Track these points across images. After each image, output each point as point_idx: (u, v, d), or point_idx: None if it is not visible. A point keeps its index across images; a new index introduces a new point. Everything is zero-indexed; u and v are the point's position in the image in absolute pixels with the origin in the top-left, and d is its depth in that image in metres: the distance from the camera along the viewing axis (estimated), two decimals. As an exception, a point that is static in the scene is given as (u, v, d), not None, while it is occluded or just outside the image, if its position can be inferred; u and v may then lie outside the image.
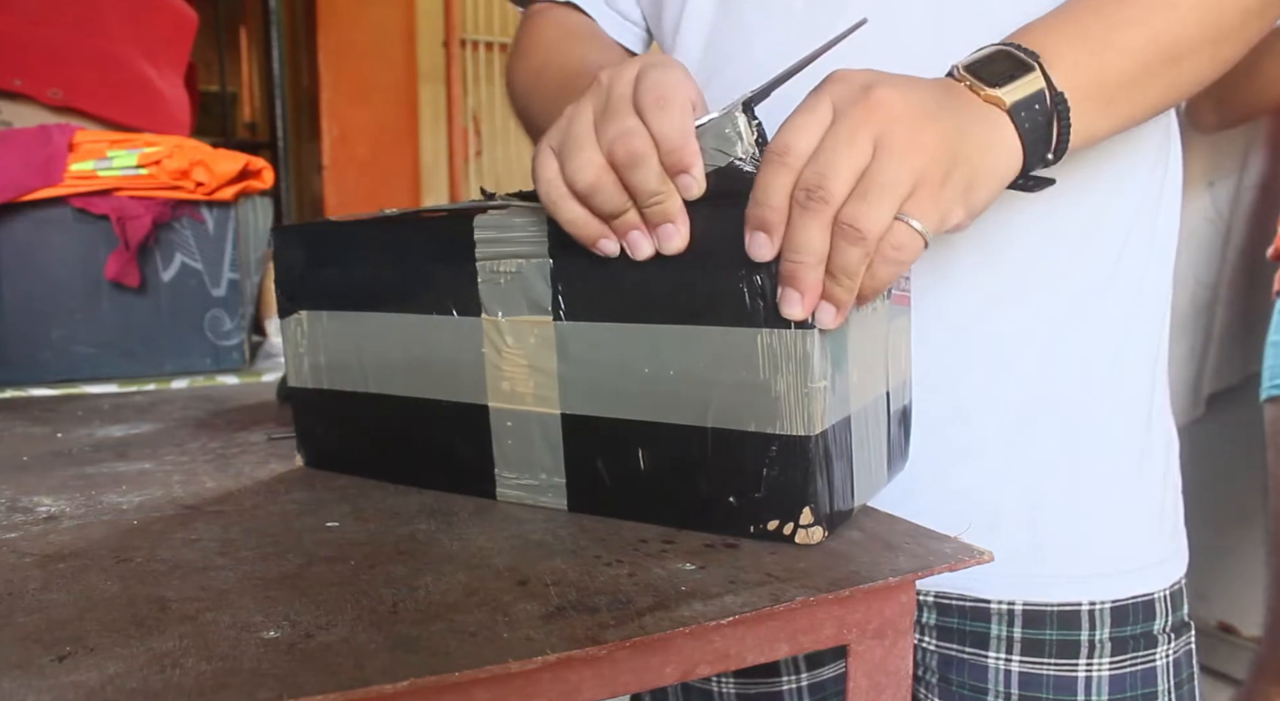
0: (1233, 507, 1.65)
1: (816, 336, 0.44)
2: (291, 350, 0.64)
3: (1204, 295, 1.71)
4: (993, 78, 0.47)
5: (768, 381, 0.45)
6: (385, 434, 0.60)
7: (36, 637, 0.38)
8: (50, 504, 0.58)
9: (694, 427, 0.48)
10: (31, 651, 0.36)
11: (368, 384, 0.60)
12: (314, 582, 0.43)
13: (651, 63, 0.46)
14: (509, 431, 0.54)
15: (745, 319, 0.45)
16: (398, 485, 0.59)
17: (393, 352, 0.58)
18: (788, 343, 0.44)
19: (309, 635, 0.37)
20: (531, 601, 0.40)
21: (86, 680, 0.34)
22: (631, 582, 0.42)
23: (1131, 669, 0.62)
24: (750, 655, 0.42)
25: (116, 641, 0.37)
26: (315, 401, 0.64)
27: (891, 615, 0.45)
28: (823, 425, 0.45)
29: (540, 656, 0.35)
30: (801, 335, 0.44)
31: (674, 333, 0.47)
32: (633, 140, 0.43)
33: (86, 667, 0.35)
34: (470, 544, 0.48)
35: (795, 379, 0.44)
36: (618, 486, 0.51)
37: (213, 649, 0.36)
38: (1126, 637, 0.62)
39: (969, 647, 0.64)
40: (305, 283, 0.62)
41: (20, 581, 0.44)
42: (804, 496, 0.45)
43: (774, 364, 0.45)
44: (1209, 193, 1.70)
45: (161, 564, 0.46)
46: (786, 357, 0.44)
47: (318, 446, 0.65)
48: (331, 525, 0.52)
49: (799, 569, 0.43)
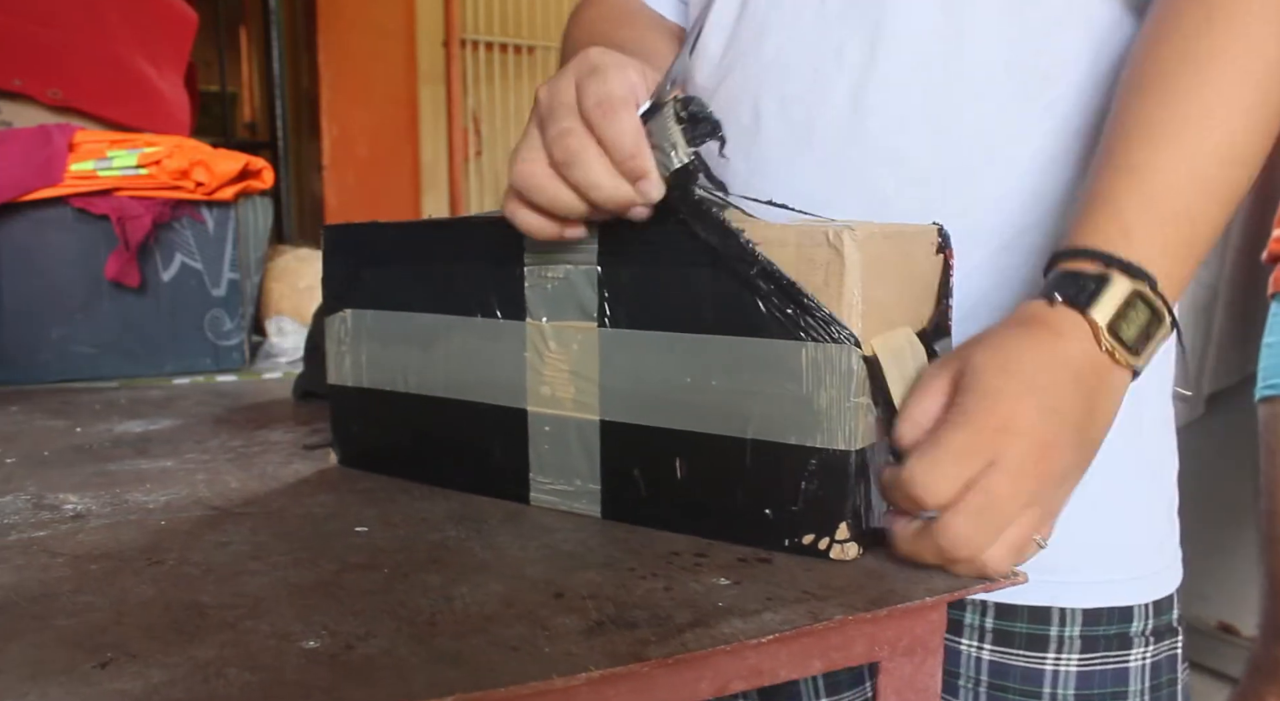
0: (1232, 507, 1.65)
1: (859, 353, 0.44)
2: (334, 347, 0.65)
3: (1203, 295, 1.71)
4: (1133, 339, 0.45)
5: (810, 395, 0.45)
6: (422, 434, 0.61)
7: (77, 642, 0.38)
8: (76, 501, 0.58)
9: (733, 438, 0.48)
10: (74, 656, 0.36)
11: (407, 384, 0.61)
12: (349, 591, 0.43)
13: (589, 68, 0.47)
14: (546, 436, 0.54)
15: (790, 332, 0.45)
16: (423, 490, 0.59)
17: (434, 353, 0.59)
18: (832, 357, 0.44)
19: (349, 646, 0.37)
20: (570, 615, 0.40)
21: (131, 689, 0.34)
22: (668, 597, 0.42)
23: (1102, 667, 0.61)
24: (784, 671, 0.42)
25: (157, 648, 0.37)
26: (354, 399, 0.64)
27: (922, 633, 0.45)
28: (863, 442, 0.45)
29: (584, 672, 0.35)
30: (845, 350, 0.44)
31: (718, 343, 0.47)
32: (568, 140, 0.44)
33: (131, 676, 0.35)
34: (502, 553, 0.48)
35: (838, 393, 0.44)
36: (653, 495, 0.51)
37: (255, 658, 0.36)
38: (1098, 637, 0.61)
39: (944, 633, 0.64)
40: (351, 282, 0.63)
41: (54, 583, 0.44)
42: (841, 511, 0.45)
43: (818, 377, 0.45)
44: None
45: (194, 567, 0.46)
46: (830, 371, 0.44)
47: (353, 445, 0.65)
48: (360, 530, 0.52)
49: (835, 586, 0.43)
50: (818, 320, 0.44)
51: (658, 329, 0.49)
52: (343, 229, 0.64)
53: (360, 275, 0.63)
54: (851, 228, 0.44)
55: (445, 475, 0.60)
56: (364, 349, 0.63)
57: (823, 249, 0.44)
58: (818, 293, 0.44)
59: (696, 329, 0.48)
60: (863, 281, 0.44)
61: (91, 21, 1.27)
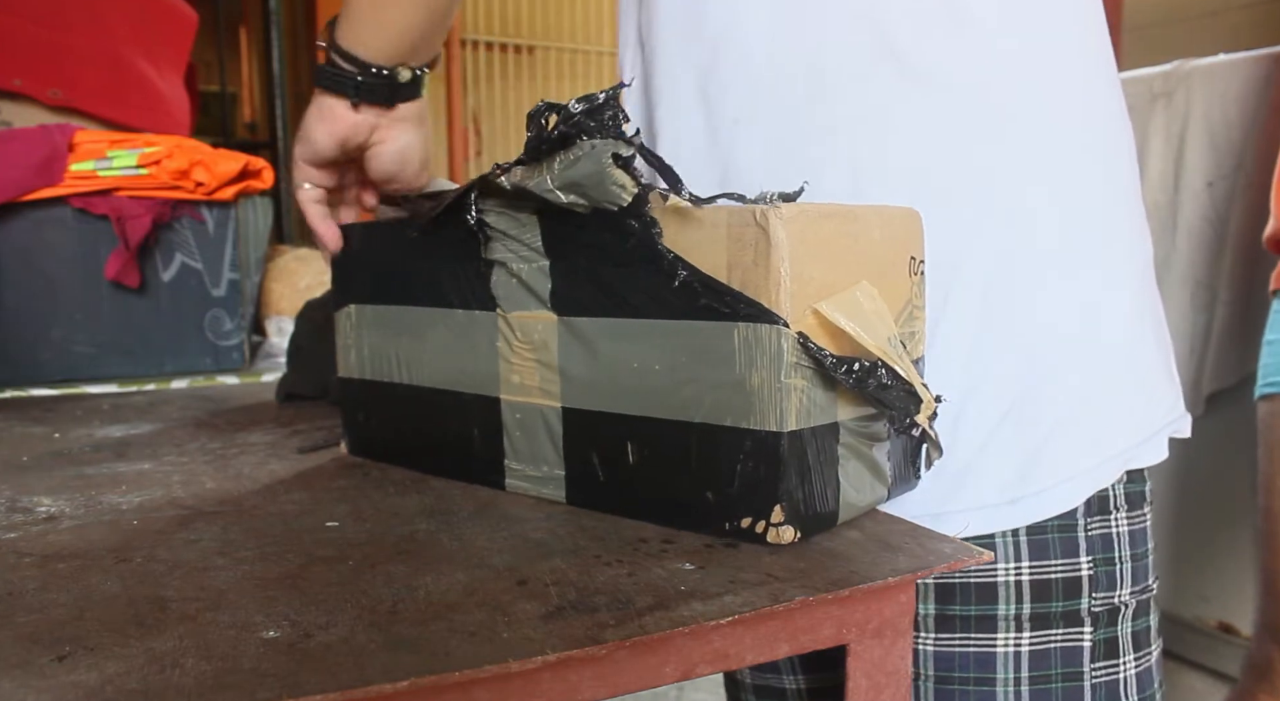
0: (1232, 507, 1.65)
1: (790, 333, 0.44)
2: (341, 341, 0.68)
3: (1203, 295, 1.71)
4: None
5: (743, 376, 0.45)
6: (414, 423, 0.63)
7: (36, 638, 0.38)
8: (50, 504, 0.58)
9: (678, 423, 0.48)
10: (31, 651, 0.36)
11: (401, 374, 0.63)
12: (314, 582, 0.43)
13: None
14: (517, 423, 0.55)
15: (721, 314, 0.45)
16: (399, 485, 0.60)
17: (421, 345, 0.61)
18: (763, 337, 0.44)
19: (308, 635, 0.37)
20: (531, 601, 0.40)
21: (86, 680, 0.34)
22: (631, 582, 0.42)
23: (962, 649, 0.60)
24: (750, 655, 0.42)
25: (116, 641, 0.37)
26: (359, 391, 0.67)
27: (891, 615, 0.45)
28: (797, 424, 0.45)
29: (540, 656, 0.35)
30: (776, 331, 0.44)
31: (658, 327, 0.48)
32: None
33: (86, 667, 0.35)
34: (470, 544, 0.48)
35: (769, 374, 0.44)
36: (610, 481, 0.51)
37: (212, 648, 0.36)
38: (954, 617, 0.60)
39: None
40: (353, 277, 0.66)
41: (20, 582, 0.44)
42: (775, 494, 0.45)
43: (749, 359, 0.45)
44: (1208, 193, 1.70)
45: (161, 564, 0.46)
46: (761, 352, 0.44)
47: (359, 434, 0.68)
48: (331, 525, 0.52)
49: (798, 569, 0.43)
50: (744, 301, 0.45)
51: (605, 315, 0.50)
52: (347, 228, 0.68)
53: (359, 270, 0.66)
54: (778, 207, 0.44)
55: (435, 463, 0.62)
56: (366, 343, 0.66)
57: (750, 229, 0.44)
58: (748, 272, 0.45)
59: (639, 314, 0.49)
60: (791, 259, 0.44)
61: (91, 21, 1.28)
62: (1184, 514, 1.75)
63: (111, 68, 1.27)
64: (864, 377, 0.45)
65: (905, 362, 0.46)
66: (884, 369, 0.46)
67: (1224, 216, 1.69)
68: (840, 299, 0.46)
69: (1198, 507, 1.72)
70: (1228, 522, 1.71)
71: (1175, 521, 1.75)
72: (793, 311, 0.44)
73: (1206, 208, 1.71)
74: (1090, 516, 0.60)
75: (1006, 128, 0.58)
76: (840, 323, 0.45)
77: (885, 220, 0.52)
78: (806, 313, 0.45)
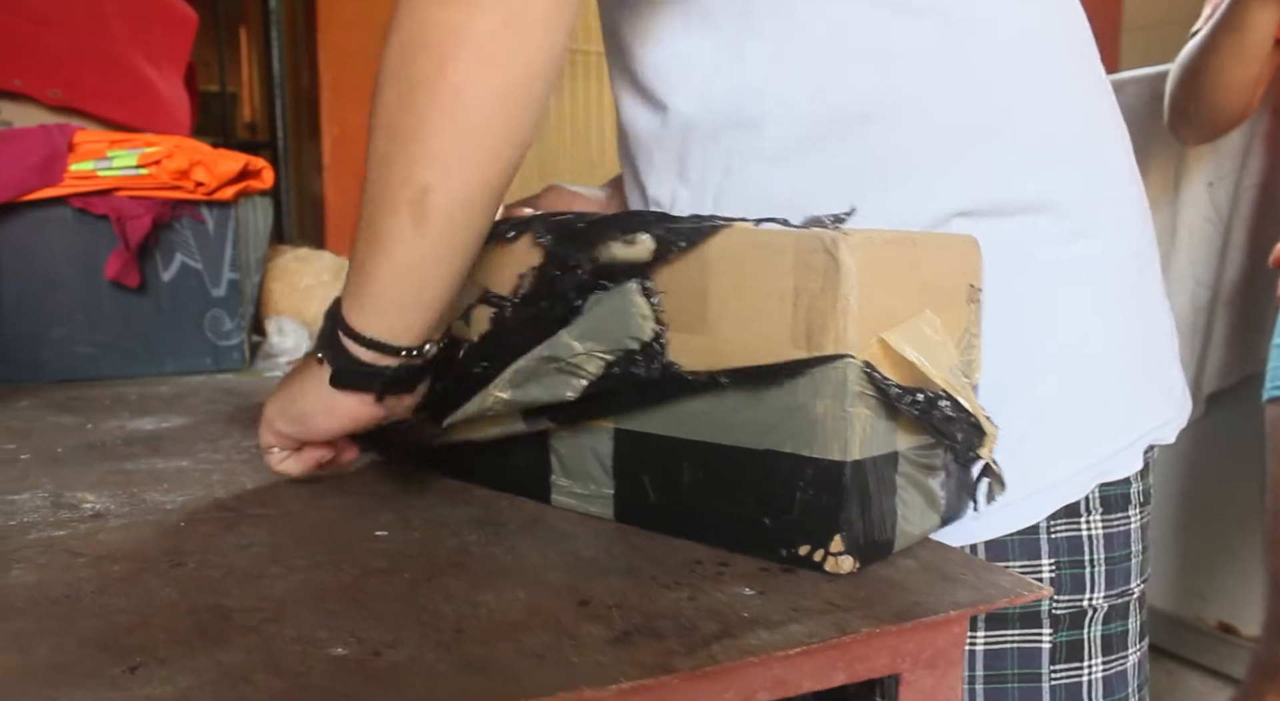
0: (1233, 507, 1.65)
1: (855, 363, 0.44)
2: None
3: (1204, 295, 1.70)
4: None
5: (806, 404, 0.45)
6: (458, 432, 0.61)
7: (103, 645, 0.38)
8: (94, 501, 0.58)
9: (735, 447, 0.48)
10: (100, 660, 0.36)
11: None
12: (373, 596, 0.43)
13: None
14: (564, 441, 0.55)
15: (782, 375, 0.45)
16: (439, 493, 0.59)
17: None
18: (828, 368, 0.44)
19: (377, 653, 0.37)
20: (595, 623, 0.40)
21: (160, 694, 0.34)
22: (693, 607, 0.42)
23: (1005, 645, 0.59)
24: (807, 682, 0.42)
25: (184, 652, 0.37)
26: None
27: (944, 645, 0.45)
28: (860, 453, 0.45)
29: (614, 684, 0.35)
30: (842, 362, 0.44)
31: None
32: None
33: (160, 681, 0.35)
34: (523, 558, 0.48)
35: (834, 403, 0.44)
36: (661, 501, 0.51)
37: (281, 664, 0.36)
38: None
39: None
40: None
41: (77, 583, 0.44)
42: (836, 523, 0.45)
43: (814, 387, 0.45)
44: (1209, 193, 1.70)
45: (215, 570, 0.46)
46: (825, 381, 0.44)
47: (398, 441, 0.66)
48: (380, 534, 0.52)
49: (860, 598, 0.43)
50: (789, 368, 0.45)
51: None
52: None
53: None
54: (848, 233, 0.44)
55: (478, 474, 0.61)
56: None
57: (819, 254, 0.44)
58: (815, 299, 0.44)
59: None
60: (859, 287, 0.44)
61: (91, 21, 1.27)
62: (1184, 514, 1.74)
63: (111, 68, 1.26)
64: (928, 408, 0.45)
65: (968, 393, 0.46)
66: (947, 400, 0.46)
67: (1225, 217, 1.68)
68: (905, 328, 0.46)
69: (1198, 507, 1.72)
70: (1228, 522, 1.71)
71: (1175, 521, 1.75)
72: (859, 340, 0.44)
73: (1207, 207, 1.70)
74: (1055, 519, 0.59)
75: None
76: (907, 353, 0.45)
77: (944, 246, 0.52)
78: (872, 341, 0.45)
